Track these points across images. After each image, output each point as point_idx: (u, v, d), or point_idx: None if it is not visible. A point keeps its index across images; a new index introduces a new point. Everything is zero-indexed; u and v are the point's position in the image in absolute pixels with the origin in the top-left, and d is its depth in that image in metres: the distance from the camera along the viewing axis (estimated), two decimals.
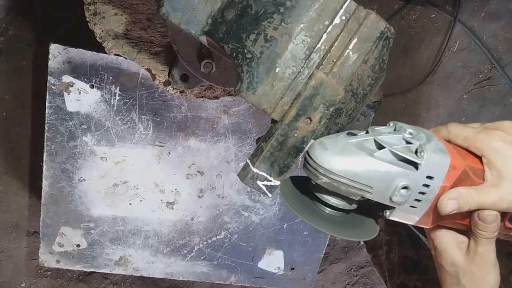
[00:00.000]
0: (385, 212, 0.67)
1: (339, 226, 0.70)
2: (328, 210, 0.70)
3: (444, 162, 0.63)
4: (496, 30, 1.66)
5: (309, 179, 0.67)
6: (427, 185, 0.63)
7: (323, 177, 0.63)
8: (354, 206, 0.70)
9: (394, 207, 0.66)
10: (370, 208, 0.72)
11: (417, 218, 0.67)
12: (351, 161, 0.62)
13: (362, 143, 0.64)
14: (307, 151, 0.66)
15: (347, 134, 0.66)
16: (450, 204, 0.64)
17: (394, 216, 0.67)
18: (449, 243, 0.70)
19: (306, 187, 0.72)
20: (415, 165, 0.62)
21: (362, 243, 1.86)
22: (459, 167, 0.64)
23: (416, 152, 0.63)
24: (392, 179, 0.62)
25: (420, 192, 0.64)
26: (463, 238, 0.71)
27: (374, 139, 0.64)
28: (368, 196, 0.64)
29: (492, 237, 0.66)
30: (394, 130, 0.66)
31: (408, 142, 0.64)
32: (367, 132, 0.66)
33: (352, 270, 1.98)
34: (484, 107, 1.80)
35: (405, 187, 0.62)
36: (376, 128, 0.67)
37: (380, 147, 0.63)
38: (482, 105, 1.80)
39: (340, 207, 0.69)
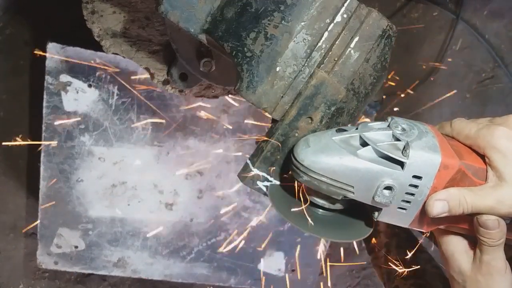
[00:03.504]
0: (373, 214, 0.64)
1: (328, 227, 0.67)
2: (320, 211, 0.67)
3: (433, 161, 0.58)
4: (499, 28, 1.65)
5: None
6: (415, 186, 0.59)
7: (304, 175, 0.61)
8: (338, 206, 0.66)
9: (381, 208, 0.62)
10: (365, 208, 0.68)
11: (408, 220, 0.63)
12: (330, 159, 0.59)
13: (347, 140, 0.61)
14: (291, 148, 0.64)
15: (336, 130, 0.63)
16: (437, 206, 0.59)
17: (383, 218, 0.63)
18: (456, 250, 0.65)
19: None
20: (401, 164, 0.58)
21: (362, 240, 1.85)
22: (453, 167, 0.59)
23: (403, 150, 0.59)
24: (374, 178, 0.59)
25: (407, 193, 0.60)
26: (472, 245, 0.65)
27: (360, 135, 0.61)
28: (350, 196, 0.61)
29: (497, 245, 0.60)
30: (388, 126, 0.62)
31: (397, 139, 0.60)
32: (357, 128, 0.63)
33: (354, 272, 1.96)
34: (487, 106, 1.79)
35: (388, 187, 0.59)
36: (368, 124, 0.63)
37: (365, 144, 0.60)
38: (485, 103, 1.79)
39: (325, 206, 0.66)
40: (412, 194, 0.60)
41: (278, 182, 0.69)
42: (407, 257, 1.22)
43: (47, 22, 1.34)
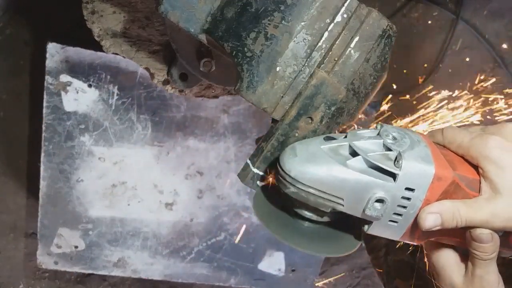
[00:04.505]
0: (364, 227, 0.61)
1: (314, 241, 0.64)
2: (306, 223, 0.64)
3: (426, 172, 0.56)
4: (499, 28, 1.65)
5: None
6: (407, 198, 0.57)
7: (291, 187, 0.58)
8: (326, 218, 0.63)
9: (371, 221, 0.60)
10: (354, 220, 0.65)
11: (399, 234, 0.60)
12: (319, 169, 0.56)
13: (336, 149, 0.59)
14: (278, 157, 0.62)
15: (324, 138, 0.61)
16: (430, 219, 0.57)
17: (373, 231, 0.61)
18: (447, 263, 0.64)
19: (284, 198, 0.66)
20: (393, 175, 0.56)
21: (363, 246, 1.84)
22: (446, 178, 0.56)
23: (395, 161, 0.56)
24: (364, 190, 0.56)
25: (399, 206, 0.57)
26: (464, 258, 0.63)
27: (349, 144, 0.59)
28: (340, 208, 0.58)
29: (490, 259, 0.59)
30: (378, 134, 0.60)
31: (388, 149, 0.58)
32: (345, 137, 0.61)
33: (354, 272, 1.96)
34: (487, 106, 1.79)
35: (379, 200, 0.56)
36: (358, 132, 0.61)
37: (354, 154, 0.58)
38: (485, 104, 1.79)
39: (313, 219, 0.63)
40: (404, 207, 0.58)
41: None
42: (406, 257, 1.22)
43: (47, 22, 1.34)
